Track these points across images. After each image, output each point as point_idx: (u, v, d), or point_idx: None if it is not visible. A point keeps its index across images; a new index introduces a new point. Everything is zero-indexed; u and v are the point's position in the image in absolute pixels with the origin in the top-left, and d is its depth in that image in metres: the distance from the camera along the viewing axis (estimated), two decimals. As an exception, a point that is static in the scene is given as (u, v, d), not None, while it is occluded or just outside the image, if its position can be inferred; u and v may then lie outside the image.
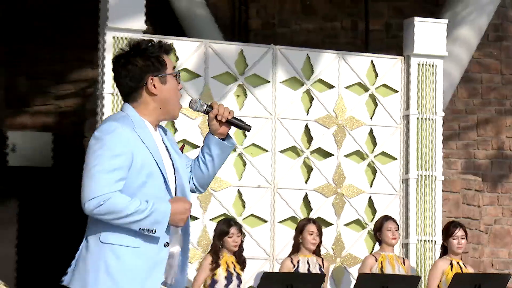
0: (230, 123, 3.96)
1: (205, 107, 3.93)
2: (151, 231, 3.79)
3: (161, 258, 3.89)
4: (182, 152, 4.21)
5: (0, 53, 12.59)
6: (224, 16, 12.43)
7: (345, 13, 11.98)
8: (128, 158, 3.83)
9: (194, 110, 4.01)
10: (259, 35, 11.83)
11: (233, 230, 8.14)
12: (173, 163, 4.03)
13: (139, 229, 3.78)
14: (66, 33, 12.11)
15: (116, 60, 3.97)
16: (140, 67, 3.88)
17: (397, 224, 8.72)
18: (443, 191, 10.12)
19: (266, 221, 8.99)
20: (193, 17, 12.09)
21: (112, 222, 3.78)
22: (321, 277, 8.23)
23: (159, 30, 11.19)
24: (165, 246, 3.89)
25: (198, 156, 4.12)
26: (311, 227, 8.32)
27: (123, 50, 3.98)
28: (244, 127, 4.00)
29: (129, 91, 3.93)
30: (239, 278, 8.31)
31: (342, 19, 11.90)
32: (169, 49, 4.02)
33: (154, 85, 3.90)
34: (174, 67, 4.02)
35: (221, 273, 8.19)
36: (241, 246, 8.31)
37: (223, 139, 4.00)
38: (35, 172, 11.13)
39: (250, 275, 8.62)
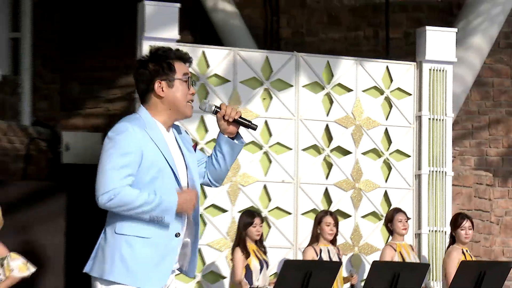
0: (237, 122, 4.16)
1: (213, 108, 4.19)
2: (160, 218, 4.04)
3: (172, 247, 4.13)
4: (195, 150, 4.44)
5: (57, 61, 12.99)
6: (257, 26, 12.95)
7: (367, 23, 12.29)
8: (138, 156, 4.08)
9: (203, 111, 4.27)
10: (289, 44, 12.11)
11: (257, 220, 8.38)
12: (184, 160, 4.27)
13: (150, 217, 4.03)
14: (114, 43, 12.50)
15: (135, 65, 4.28)
16: (150, 72, 4.13)
17: (407, 215, 8.96)
18: (457, 185, 10.44)
19: (289, 213, 9.27)
20: (229, 27, 12.67)
21: (125, 214, 4.03)
22: (338, 264, 8.44)
23: (199, 40, 11.49)
24: (176, 236, 4.13)
25: (211, 153, 4.35)
26: (328, 219, 8.57)
27: (143, 56, 4.27)
28: (250, 126, 4.19)
29: (142, 93, 4.20)
30: (267, 263, 8.56)
31: (364, 29, 12.21)
32: (183, 56, 4.26)
33: (162, 89, 4.15)
34: (186, 73, 4.21)
35: (254, 262, 8.43)
36: (261, 235, 8.66)
37: (233, 138, 4.23)
38: (85, 168, 11.31)
39: (275, 263, 8.91)
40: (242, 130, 4.49)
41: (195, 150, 4.42)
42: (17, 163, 11.77)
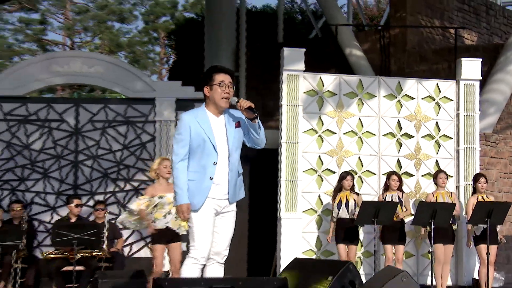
0: (248, 109, 5.18)
1: (235, 101, 5.26)
2: (175, 193, 5.33)
3: (207, 186, 5.29)
4: (238, 126, 5.43)
5: (259, 89, 15.53)
6: (376, 64, 15.92)
7: (443, 59, 14.84)
8: (187, 132, 5.25)
9: (233, 104, 5.34)
10: (396, 74, 14.52)
11: (348, 177, 10.12)
12: (226, 135, 5.33)
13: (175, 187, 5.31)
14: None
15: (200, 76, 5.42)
16: (201, 82, 5.34)
17: (446, 174, 10.37)
18: (497, 158, 12.21)
19: (374, 174, 11.02)
20: (359, 65, 15.58)
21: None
22: (395, 204, 9.87)
23: (339, 72, 13.26)
24: (210, 179, 5.29)
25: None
26: (393, 177, 10.23)
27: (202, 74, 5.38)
28: (254, 111, 5.18)
29: (203, 96, 5.41)
30: (354, 202, 10.01)
31: (442, 63, 14.90)
32: (222, 69, 5.32)
33: (207, 91, 5.31)
34: (222, 80, 5.28)
35: (341, 199, 10.08)
36: (353, 186, 10.13)
37: (252, 120, 5.23)
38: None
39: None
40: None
41: (237, 126, 5.41)
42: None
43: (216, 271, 5.34)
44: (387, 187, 10.31)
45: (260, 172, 11.92)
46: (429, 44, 16.67)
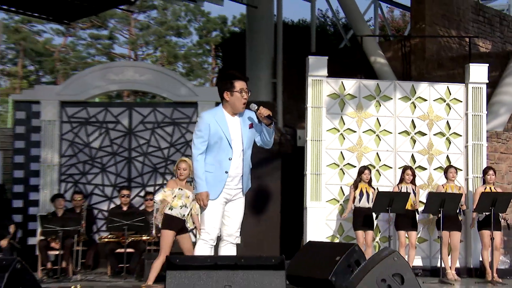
0: (267, 117, 5.21)
1: (255, 108, 5.23)
2: (195, 183, 5.33)
3: (223, 178, 5.28)
4: (251, 127, 5.39)
5: (294, 93, 14.88)
6: (398, 71, 15.72)
7: (459, 65, 14.24)
8: (207, 130, 5.22)
9: (252, 110, 5.31)
10: (416, 80, 14.34)
11: (366, 171, 10.10)
12: (242, 134, 5.31)
13: (194, 176, 5.31)
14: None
15: (217, 80, 5.71)
16: (221, 87, 5.31)
17: (456, 169, 10.30)
18: (506, 153, 12.02)
19: (391, 168, 10.99)
20: (382, 71, 15.37)
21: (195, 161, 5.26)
22: (407, 194, 9.89)
23: (361, 77, 13.68)
24: (226, 172, 5.28)
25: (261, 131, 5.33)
26: (409, 171, 10.22)
27: (219, 77, 5.47)
28: (272, 120, 5.21)
29: (220, 97, 5.35)
30: (372, 194, 10.05)
31: (457, 69, 14.39)
32: (241, 77, 5.25)
33: (227, 96, 5.26)
34: (241, 88, 5.22)
35: (362, 191, 10.09)
36: (370, 180, 10.12)
37: (268, 125, 5.25)
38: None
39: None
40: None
41: (251, 127, 5.41)
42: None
43: (229, 250, 5.40)
44: (401, 180, 10.31)
45: (291, 166, 12.08)
46: (446, 52, 16.53)
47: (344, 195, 10.88)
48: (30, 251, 11.13)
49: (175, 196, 7.88)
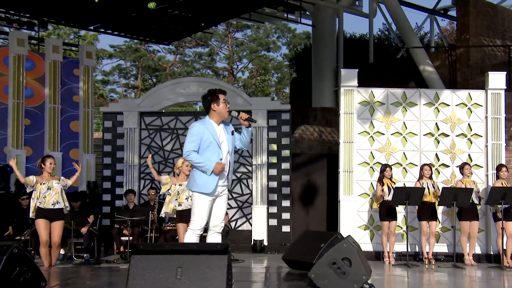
0: (247, 120, 5.58)
1: (236, 114, 5.60)
2: (205, 171, 5.49)
3: (213, 177, 5.45)
4: (233, 134, 5.69)
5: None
6: (446, 78, 15.51)
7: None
8: (199, 136, 5.46)
9: (234, 117, 5.65)
10: (461, 86, 14.58)
11: (388, 169, 10.10)
12: (226, 140, 5.59)
13: (201, 170, 5.43)
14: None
15: (204, 97, 5.61)
16: (209, 100, 5.60)
17: (470, 166, 10.18)
18: None
19: (416, 165, 10.80)
20: (431, 78, 15.30)
21: (193, 163, 5.47)
22: (422, 189, 9.75)
23: (417, 84, 13.73)
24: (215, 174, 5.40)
25: (241, 133, 5.64)
26: (426, 167, 10.11)
27: (205, 94, 5.51)
28: (252, 121, 5.61)
29: (206, 109, 5.67)
30: (393, 188, 9.93)
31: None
32: (222, 92, 5.55)
33: (215, 106, 5.55)
34: (224, 99, 5.56)
35: (385, 187, 10.07)
36: (391, 176, 10.06)
37: (248, 126, 5.60)
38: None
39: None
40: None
41: (233, 134, 5.71)
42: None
43: (215, 238, 5.61)
44: (421, 176, 10.27)
45: (335, 165, 11.96)
46: (490, 59, 16.15)
47: (373, 189, 10.80)
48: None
49: (178, 193, 8.17)
